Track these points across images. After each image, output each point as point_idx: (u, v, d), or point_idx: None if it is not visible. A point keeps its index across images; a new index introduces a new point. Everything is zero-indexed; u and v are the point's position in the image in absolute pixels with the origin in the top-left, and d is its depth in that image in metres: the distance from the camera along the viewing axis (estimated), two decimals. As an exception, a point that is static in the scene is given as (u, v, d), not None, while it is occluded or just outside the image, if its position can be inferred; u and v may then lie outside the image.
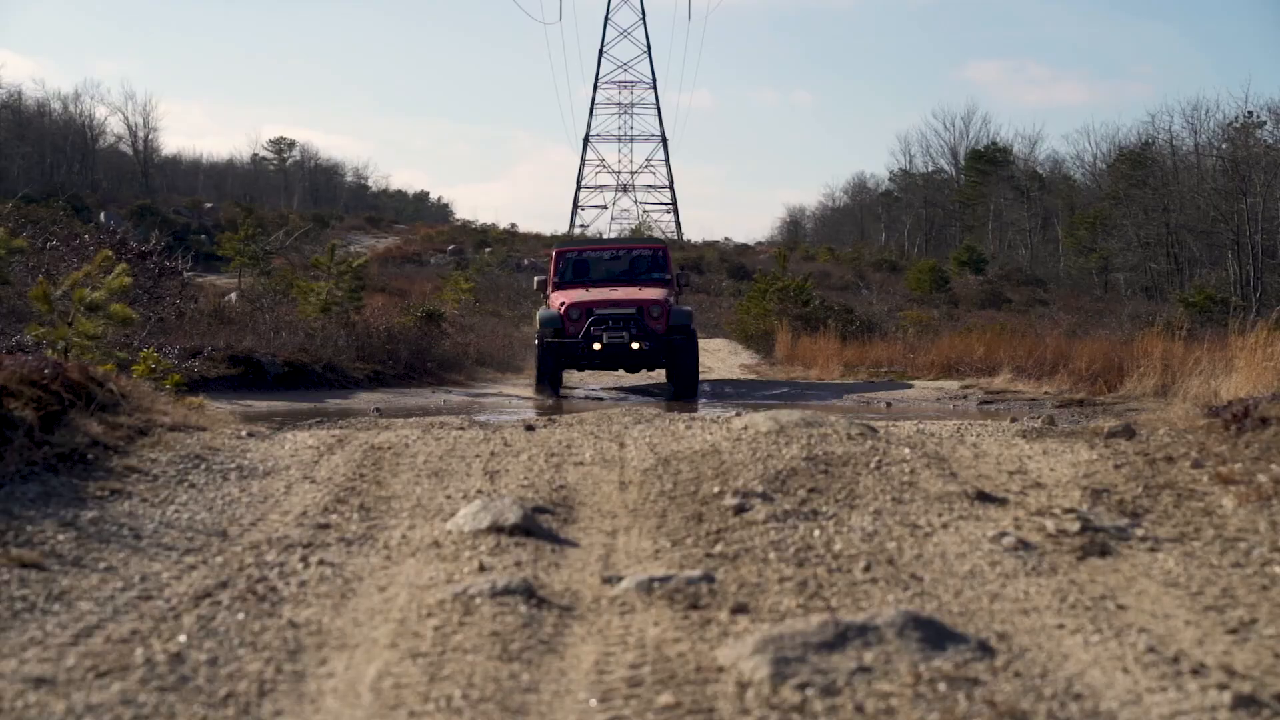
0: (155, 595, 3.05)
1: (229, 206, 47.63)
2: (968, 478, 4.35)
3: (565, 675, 2.52)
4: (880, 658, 2.48)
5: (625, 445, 5.14)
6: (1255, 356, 8.28)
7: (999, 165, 55.75)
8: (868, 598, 3.01)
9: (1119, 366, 13.06)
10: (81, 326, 7.99)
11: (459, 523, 3.70)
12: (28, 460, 4.17)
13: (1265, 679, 2.43)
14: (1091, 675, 2.47)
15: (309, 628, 2.81)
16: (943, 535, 3.61)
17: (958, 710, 2.26)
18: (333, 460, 4.83)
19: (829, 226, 72.46)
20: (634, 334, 13.78)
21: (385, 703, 2.35)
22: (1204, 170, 41.63)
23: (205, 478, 4.47)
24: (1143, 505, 3.90)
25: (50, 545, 3.43)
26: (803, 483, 4.20)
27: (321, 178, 75.75)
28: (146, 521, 3.80)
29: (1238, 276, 35.56)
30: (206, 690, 2.41)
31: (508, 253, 46.47)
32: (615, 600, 3.00)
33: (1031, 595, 3.03)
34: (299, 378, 13.72)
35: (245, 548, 3.53)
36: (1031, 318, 28.85)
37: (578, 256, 16.20)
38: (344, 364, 14.60)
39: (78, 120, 57.78)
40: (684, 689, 2.40)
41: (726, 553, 3.43)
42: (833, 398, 14.10)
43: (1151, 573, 3.23)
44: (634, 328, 13.81)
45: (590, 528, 3.83)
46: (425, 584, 3.15)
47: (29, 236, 16.86)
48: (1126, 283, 42.85)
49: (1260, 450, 4.28)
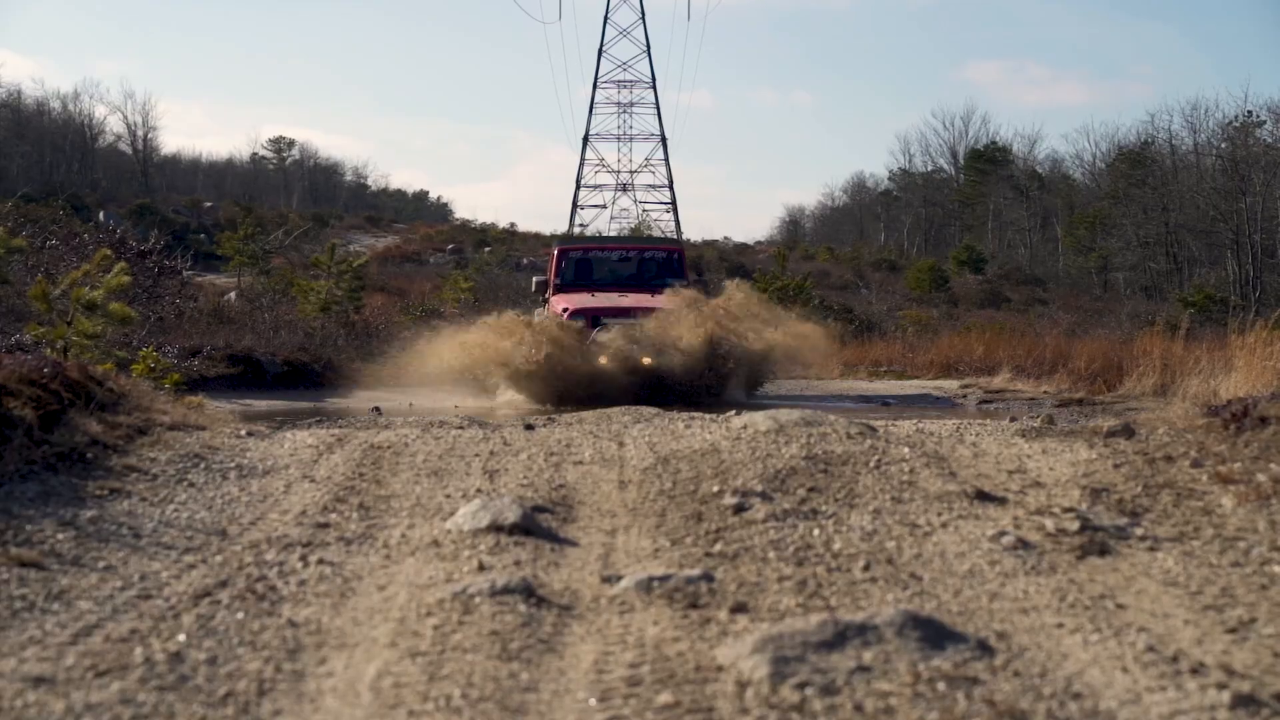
0: (154, 594, 3.05)
1: (228, 206, 47.62)
2: (967, 477, 4.35)
3: (565, 674, 2.52)
4: (879, 657, 2.48)
5: (624, 444, 5.14)
6: (1255, 356, 8.29)
7: (999, 165, 55.75)
8: (867, 597, 3.01)
9: (1118, 366, 13.08)
10: (81, 325, 7.99)
11: (458, 522, 3.70)
12: (27, 459, 4.16)
13: (1264, 678, 2.43)
14: (1091, 674, 2.48)
15: (308, 627, 2.81)
16: (942, 534, 3.61)
17: (957, 710, 2.26)
18: (332, 459, 4.83)
19: (828, 226, 72.41)
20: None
21: (385, 702, 2.35)
22: (1203, 170, 41.65)
23: (205, 477, 4.47)
24: (1142, 504, 3.90)
25: (49, 544, 3.43)
26: (802, 482, 4.20)
27: (321, 177, 75.69)
28: (146, 521, 3.80)
29: (1237, 276, 35.57)
30: (206, 689, 2.41)
31: (507, 252, 46.45)
32: (614, 599, 3.00)
33: (1031, 594, 3.04)
34: (299, 377, 13.72)
35: (245, 547, 3.53)
36: (1031, 317, 28.87)
37: (582, 256, 14.58)
38: (343, 363, 14.60)
39: (77, 119, 57.77)
40: (683, 688, 2.40)
41: (726, 552, 3.43)
42: (832, 397, 14.10)
43: (1151, 572, 3.23)
44: None
45: (590, 527, 3.83)
46: (425, 583, 3.15)
47: (28, 236, 16.88)
48: (1126, 282, 42.86)
49: (1259, 450, 4.29)
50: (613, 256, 14.76)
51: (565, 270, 14.23)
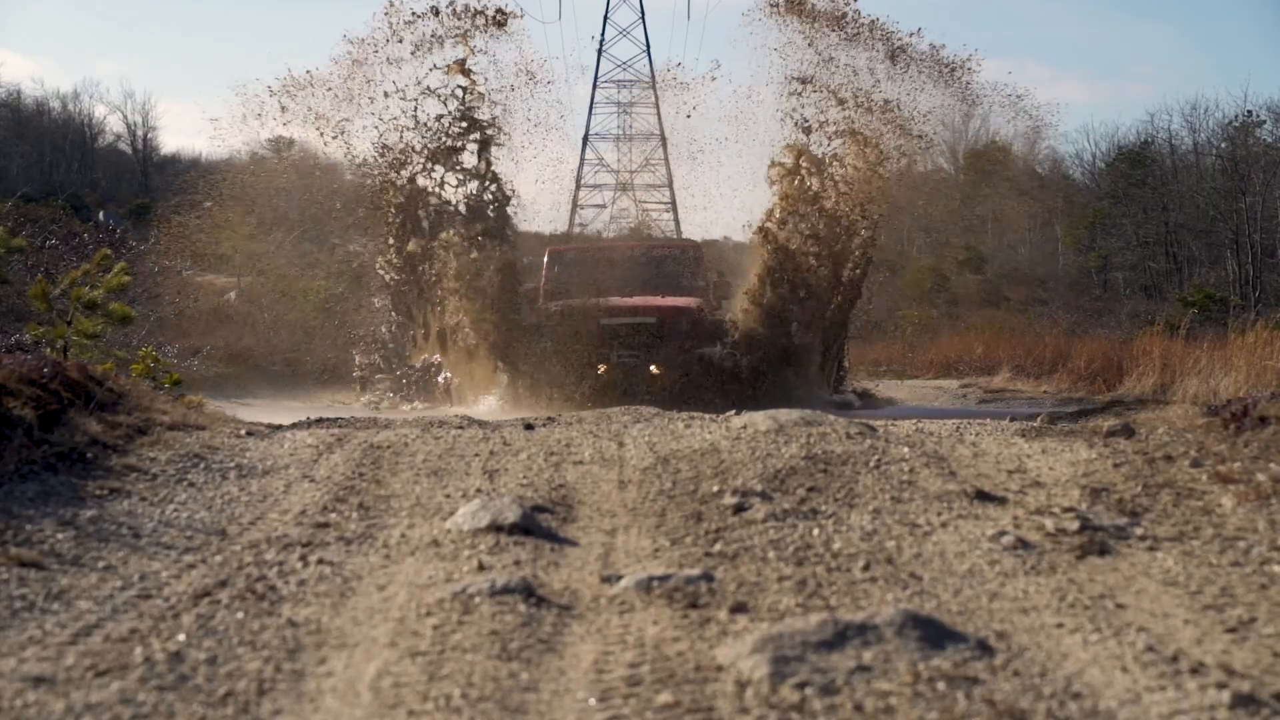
0: (154, 594, 3.05)
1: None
2: (967, 477, 4.35)
3: (564, 674, 2.52)
4: (879, 657, 2.48)
5: (624, 444, 5.14)
6: (1254, 356, 8.29)
7: (999, 165, 55.67)
8: (867, 597, 3.01)
9: (1118, 365, 13.09)
10: (80, 325, 7.99)
11: (458, 522, 3.70)
12: (27, 459, 4.16)
13: (1264, 678, 2.43)
14: (1090, 674, 2.47)
15: (308, 627, 2.81)
16: (942, 534, 3.61)
17: (957, 709, 2.26)
18: (332, 459, 4.83)
19: (828, 226, 72.20)
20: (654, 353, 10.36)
21: (384, 701, 2.35)
22: (1203, 169, 41.64)
23: (204, 477, 4.47)
24: (1142, 504, 3.90)
25: (49, 544, 3.43)
26: (802, 482, 4.20)
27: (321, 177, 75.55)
28: (145, 520, 3.80)
29: (1237, 275, 35.56)
30: (206, 689, 2.41)
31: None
32: (614, 599, 3.00)
33: (1030, 594, 3.03)
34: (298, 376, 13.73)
35: (244, 547, 3.53)
36: (1030, 317, 28.86)
37: (577, 257, 12.81)
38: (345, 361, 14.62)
39: (77, 119, 57.74)
40: (683, 688, 2.40)
41: (726, 552, 3.42)
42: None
43: (1150, 572, 3.23)
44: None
45: (589, 527, 3.83)
46: (424, 583, 3.15)
47: (28, 235, 16.87)
48: (1126, 282, 42.84)
49: (1259, 449, 4.29)
50: (616, 257, 12.61)
51: (557, 275, 12.19)
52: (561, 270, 12.13)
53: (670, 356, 10.25)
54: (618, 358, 10.28)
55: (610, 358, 10.29)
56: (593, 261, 12.38)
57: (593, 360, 10.36)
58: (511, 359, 10.83)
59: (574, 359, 10.17)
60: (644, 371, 10.03)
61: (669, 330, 10.42)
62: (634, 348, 10.28)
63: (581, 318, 10.39)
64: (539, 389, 10.51)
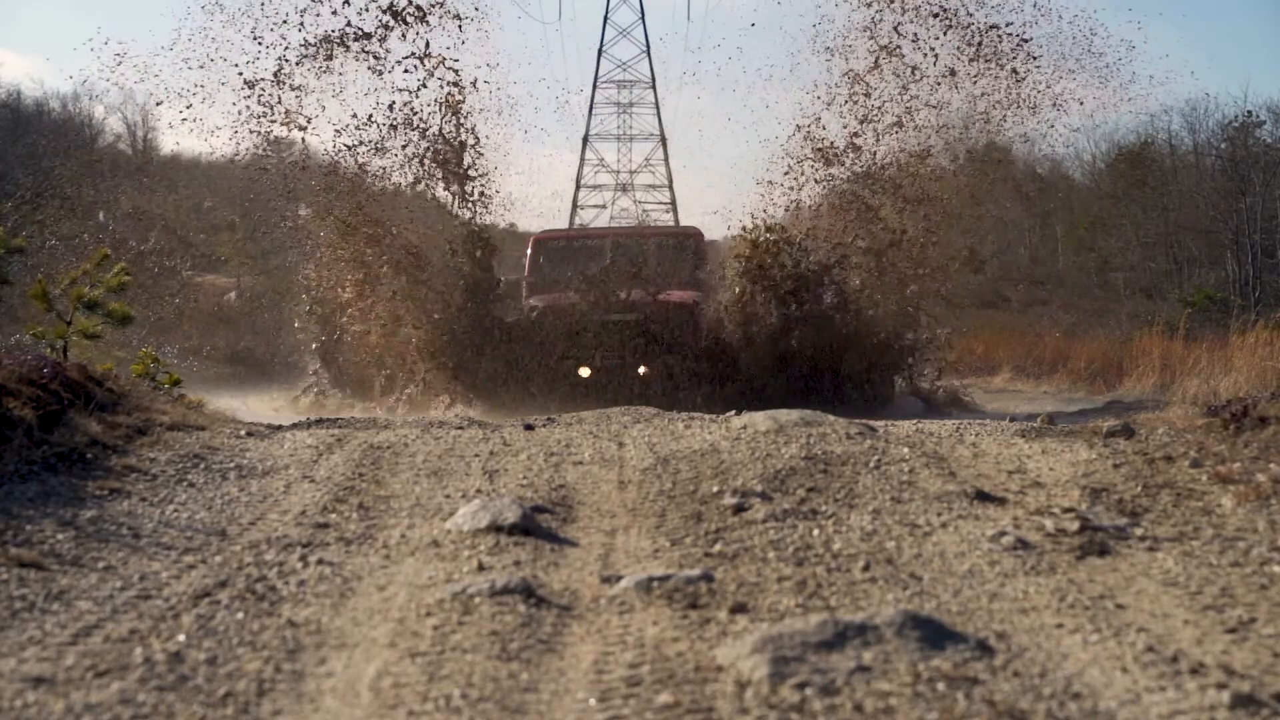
0: (154, 594, 3.05)
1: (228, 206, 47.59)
2: (967, 477, 4.35)
3: (564, 675, 2.51)
4: (879, 657, 2.48)
5: (624, 445, 5.14)
6: (1254, 356, 8.29)
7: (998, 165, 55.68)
8: (867, 597, 3.01)
9: (1118, 366, 13.10)
10: (80, 325, 7.98)
11: (458, 522, 3.70)
12: (27, 459, 4.17)
13: (1264, 678, 2.43)
14: (1090, 674, 2.47)
15: (308, 627, 2.81)
16: (942, 535, 3.61)
17: (957, 709, 2.26)
18: (332, 459, 4.83)
19: (828, 226, 72.25)
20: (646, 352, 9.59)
21: (384, 702, 2.35)
22: (1203, 170, 41.65)
23: (204, 477, 4.47)
24: (1142, 505, 3.91)
25: (49, 544, 3.43)
26: (802, 482, 4.20)
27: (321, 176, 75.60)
28: (145, 521, 3.80)
29: (1237, 276, 35.56)
30: (205, 690, 2.41)
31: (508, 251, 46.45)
32: (614, 600, 3.00)
33: (1030, 595, 3.03)
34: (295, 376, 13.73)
35: (244, 547, 3.53)
36: (1031, 317, 28.86)
37: (565, 245, 11.75)
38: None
39: (77, 119, 57.75)
40: (683, 688, 2.40)
41: (725, 552, 3.43)
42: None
43: (1150, 572, 3.23)
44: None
45: (589, 527, 3.83)
46: (424, 583, 3.15)
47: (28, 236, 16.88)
48: (1125, 282, 42.84)
49: (1259, 449, 4.29)
50: (607, 246, 11.43)
51: (542, 265, 11.24)
52: (547, 261, 11.42)
53: (661, 357, 9.58)
54: (602, 360, 9.63)
55: (595, 359, 9.65)
56: (582, 251, 11.47)
57: (577, 362, 9.72)
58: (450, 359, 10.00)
59: (556, 360, 9.48)
60: (632, 373, 9.45)
61: (664, 329, 9.84)
62: (622, 348, 9.63)
63: (567, 315, 9.60)
64: (506, 393, 9.79)
